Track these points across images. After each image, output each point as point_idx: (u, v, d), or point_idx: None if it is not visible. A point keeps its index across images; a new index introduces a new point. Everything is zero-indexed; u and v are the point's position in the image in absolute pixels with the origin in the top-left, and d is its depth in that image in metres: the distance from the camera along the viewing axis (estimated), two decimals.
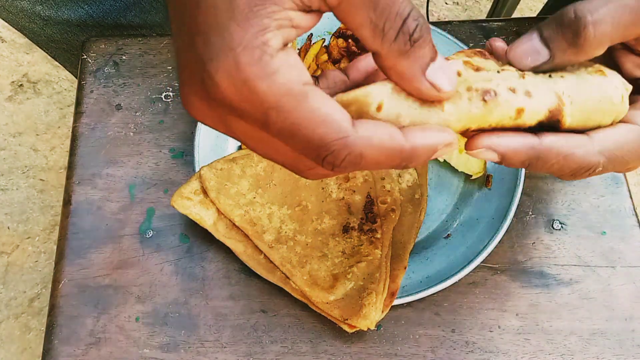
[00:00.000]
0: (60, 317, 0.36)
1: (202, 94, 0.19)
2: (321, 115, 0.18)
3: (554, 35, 0.21)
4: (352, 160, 0.19)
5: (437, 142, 0.19)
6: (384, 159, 0.19)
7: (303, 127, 0.18)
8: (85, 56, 0.45)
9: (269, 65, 0.17)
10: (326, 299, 0.33)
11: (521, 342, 0.35)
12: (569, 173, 0.23)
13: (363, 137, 0.18)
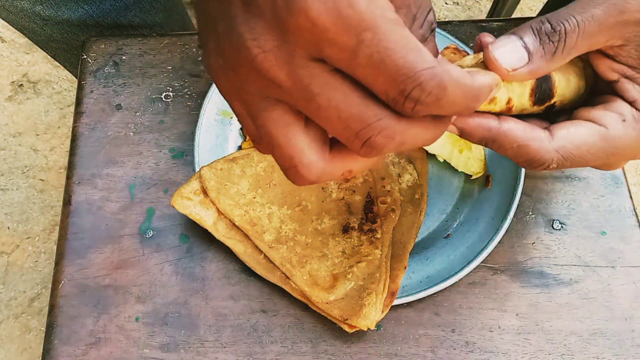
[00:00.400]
0: (60, 317, 0.36)
1: (276, 24, 0.17)
2: (412, 41, 0.17)
3: (533, 43, 0.22)
4: (437, 94, 0.18)
5: (492, 82, 0.21)
6: (459, 96, 0.18)
7: (396, 52, 0.17)
8: (85, 56, 0.45)
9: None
10: (326, 299, 0.33)
11: (521, 342, 0.35)
12: (523, 162, 0.25)
13: (447, 70, 0.18)
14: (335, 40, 0.17)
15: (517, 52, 0.22)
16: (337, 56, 0.18)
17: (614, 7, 0.22)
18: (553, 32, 0.22)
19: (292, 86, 0.19)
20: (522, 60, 0.22)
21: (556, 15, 0.23)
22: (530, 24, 0.23)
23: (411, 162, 0.39)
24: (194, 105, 0.43)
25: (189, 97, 0.43)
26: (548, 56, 0.23)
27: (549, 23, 0.23)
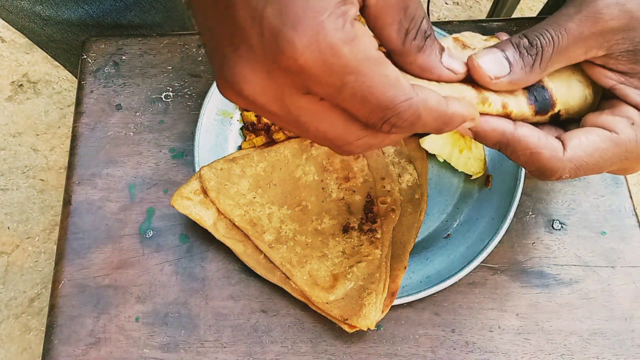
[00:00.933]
0: (60, 317, 0.36)
1: (266, 66, 0.19)
2: (392, 78, 0.20)
3: (513, 56, 0.24)
4: (412, 121, 0.21)
5: (467, 113, 0.22)
6: (432, 121, 0.21)
7: (377, 90, 0.20)
8: (85, 56, 0.45)
9: (350, 31, 0.19)
10: (326, 299, 0.33)
11: (521, 342, 0.35)
12: (535, 171, 0.25)
13: (422, 99, 0.20)
14: (321, 81, 0.19)
15: (499, 62, 0.23)
16: (322, 93, 0.20)
17: (587, 19, 0.23)
18: (530, 46, 0.24)
19: (284, 116, 0.21)
20: (504, 70, 0.23)
21: (534, 29, 0.24)
22: (510, 39, 0.24)
23: (411, 162, 0.39)
24: (194, 105, 0.43)
25: (189, 97, 0.43)
26: (527, 68, 0.24)
27: (527, 38, 0.24)
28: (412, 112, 0.20)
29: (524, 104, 0.24)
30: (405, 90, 0.20)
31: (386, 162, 0.38)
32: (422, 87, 0.21)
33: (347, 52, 0.19)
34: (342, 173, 0.38)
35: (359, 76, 0.19)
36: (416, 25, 0.21)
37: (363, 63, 0.19)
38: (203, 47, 0.22)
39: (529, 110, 0.25)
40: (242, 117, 0.41)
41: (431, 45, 0.22)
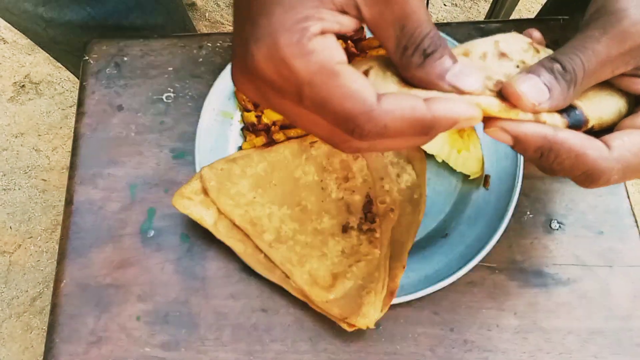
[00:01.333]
0: (61, 316, 0.36)
1: (245, 71, 0.22)
2: (349, 91, 0.20)
3: (551, 81, 0.23)
4: (378, 132, 0.21)
5: (457, 114, 0.21)
6: (407, 128, 0.21)
7: (332, 102, 0.20)
8: (87, 57, 0.46)
9: (305, 46, 0.20)
10: (326, 298, 0.33)
11: (519, 341, 0.35)
12: (582, 176, 0.24)
13: (386, 111, 0.20)
14: (283, 87, 0.21)
15: (539, 88, 0.23)
16: (289, 99, 0.22)
17: (613, 40, 0.23)
18: (564, 71, 0.23)
19: (278, 112, 0.23)
20: (544, 96, 0.23)
21: (563, 53, 0.24)
22: (541, 63, 0.24)
23: (410, 162, 0.39)
24: (194, 105, 0.43)
25: (190, 98, 0.44)
26: (564, 92, 0.23)
27: (559, 62, 0.23)
28: (373, 124, 0.20)
29: (557, 118, 0.24)
30: (362, 102, 0.20)
31: (385, 163, 0.39)
32: (394, 96, 0.21)
33: (299, 65, 0.20)
34: (342, 173, 0.38)
35: (313, 87, 0.20)
36: (415, 43, 0.21)
37: (316, 76, 0.20)
38: None
39: (562, 124, 0.24)
40: (242, 118, 0.42)
41: (432, 63, 0.21)
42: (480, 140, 0.40)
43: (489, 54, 0.25)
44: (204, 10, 1.12)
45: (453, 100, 0.21)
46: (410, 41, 0.21)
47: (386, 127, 0.21)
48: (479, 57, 0.24)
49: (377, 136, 0.21)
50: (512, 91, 0.23)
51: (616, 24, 0.23)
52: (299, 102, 0.21)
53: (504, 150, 0.39)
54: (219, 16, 1.11)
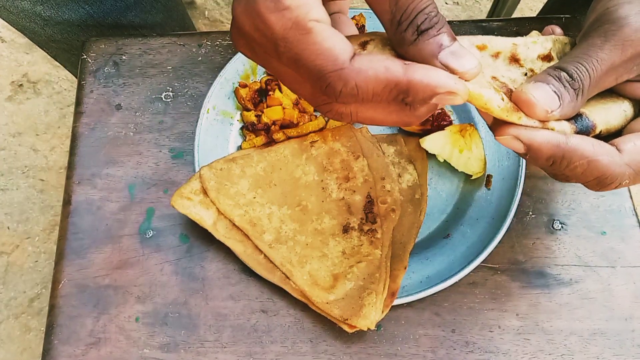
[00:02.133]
0: (60, 317, 0.36)
1: (233, 27, 0.23)
2: (321, 48, 0.20)
3: (560, 89, 0.23)
4: (348, 92, 0.20)
5: (436, 83, 0.20)
6: (380, 90, 0.20)
7: (304, 58, 0.20)
8: (85, 56, 0.45)
9: (281, 2, 0.20)
10: (326, 299, 0.33)
11: (521, 342, 0.35)
12: (594, 181, 0.24)
13: (358, 70, 0.20)
14: (261, 41, 0.21)
15: (550, 95, 0.23)
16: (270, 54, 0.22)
17: (616, 48, 0.23)
18: (572, 79, 0.23)
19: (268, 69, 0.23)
20: (556, 104, 0.23)
21: (568, 62, 0.23)
22: (547, 72, 0.23)
23: (411, 162, 0.39)
24: (193, 105, 0.43)
25: (189, 97, 0.43)
26: (574, 100, 0.23)
27: (565, 71, 0.23)
28: (343, 83, 0.20)
29: (565, 125, 0.24)
30: (333, 60, 0.20)
31: (386, 162, 0.38)
32: (369, 56, 0.20)
33: (273, 19, 0.20)
34: (342, 173, 0.38)
35: (287, 43, 0.20)
36: (408, 18, 0.20)
37: (290, 31, 0.20)
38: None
39: (571, 131, 0.24)
40: (242, 117, 0.41)
41: (426, 40, 0.21)
42: (482, 140, 0.39)
43: (502, 55, 0.24)
44: (203, 8, 1.11)
45: (435, 69, 0.21)
46: (404, 16, 0.20)
47: (357, 88, 0.20)
48: (491, 55, 0.24)
49: (350, 97, 0.21)
50: (525, 97, 0.22)
51: (618, 32, 0.23)
52: (278, 57, 0.21)
53: (505, 150, 0.39)
54: (219, 14, 1.11)
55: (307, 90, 0.22)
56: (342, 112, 0.22)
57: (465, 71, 0.21)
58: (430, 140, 0.39)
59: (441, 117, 0.40)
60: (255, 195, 0.37)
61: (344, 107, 0.22)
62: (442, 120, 0.40)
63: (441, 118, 0.40)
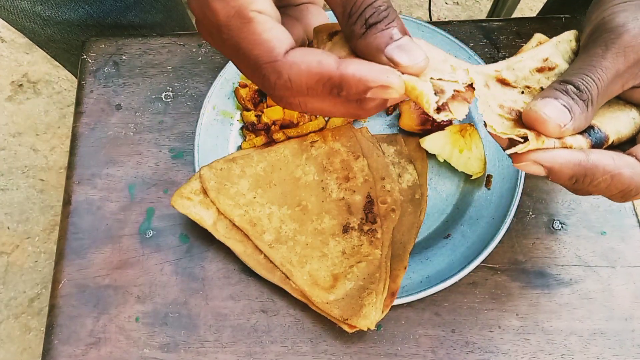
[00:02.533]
0: (60, 317, 0.36)
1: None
2: (259, 39, 0.20)
3: (570, 102, 0.23)
4: (282, 85, 0.21)
5: (367, 77, 0.20)
6: (313, 83, 0.21)
7: (243, 47, 0.21)
8: (85, 56, 0.45)
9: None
10: (326, 299, 0.33)
11: (521, 342, 0.35)
12: (618, 194, 0.24)
13: (289, 62, 0.20)
14: (210, 28, 0.22)
15: (561, 110, 0.22)
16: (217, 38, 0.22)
17: (618, 55, 0.23)
18: (579, 91, 0.23)
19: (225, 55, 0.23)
20: (568, 117, 0.22)
21: (572, 75, 0.23)
22: (554, 88, 0.23)
23: (411, 162, 0.39)
24: (193, 105, 0.43)
25: (189, 97, 0.43)
26: (584, 111, 0.23)
27: (571, 84, 0.23)
28: (277, 74, 0.20)
29: (580, 140, 0.24)
30: (270, 52, 0.20)
31: (386, 162, 0.38)
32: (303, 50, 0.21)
33: (217, 6, 0.20)
34: (342, 173, 0.38)
35: (229, 31, 0.21)
36: (357, 12, 0.21)
37: (232, 19, 0.20)
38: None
39: (586, 145, 0.24)
40: (242, 117, 0.41)
41: (374, 34, 0.21)
42: (482, 139, 0.39)
43: (490, 83, 0.24)
44: None
45: (368, 63, 0.21)
46: (354, 9, 0.21)
47: (290, 81, 0.20)
48: (483, 86, 0.24)
49: (285, 90, 0.21)
50: (536, 115, 0.22)
51: (617, 40, 0.23)
52: (223, 43, 0.22)
53: None
54: None
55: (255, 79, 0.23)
56: (291, 102, 0.23)
57: (410, 65, 0.21)
58: (430, 140, 0.39)
59: None
60: (255, 195, 0.37)
61: (292, 97, 0.22)
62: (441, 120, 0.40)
63: None
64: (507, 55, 0.44)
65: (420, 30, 0.43)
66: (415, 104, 0.40)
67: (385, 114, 0.42)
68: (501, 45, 0.45)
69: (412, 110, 0.40)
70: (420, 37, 0.45)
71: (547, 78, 0.25)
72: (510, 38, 0.45)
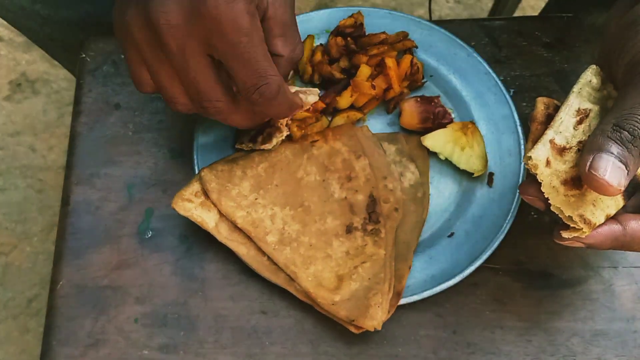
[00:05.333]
0: (58, 318, 0.36)
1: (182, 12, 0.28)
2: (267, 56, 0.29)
3: (624, 154, 0.23)
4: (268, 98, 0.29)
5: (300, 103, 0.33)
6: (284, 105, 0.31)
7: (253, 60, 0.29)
8: (84, 55, 0.45)
9: None
10: (332, 300, 0.33)
11: (523, 343, 0.35)
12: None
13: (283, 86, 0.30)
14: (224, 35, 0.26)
15: (617, 167, 0.22)
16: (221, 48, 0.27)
17: None
18: (633, 137, 0.23)
19: (176, 54, 0.27)
20: (624, 174, 0.22)
21: (625, 117, 0.23)
22: (606, 134, 0.23)
23: (413, 161, 0.39)
24: None
25: None
26: (637, 159, 0.23)
27: (625, 130, 0.23)
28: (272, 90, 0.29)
29: (619, 200, 0.25)
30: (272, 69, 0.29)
31: (388, 161, 0.38)
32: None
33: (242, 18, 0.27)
34: (344, 172, 0.37)
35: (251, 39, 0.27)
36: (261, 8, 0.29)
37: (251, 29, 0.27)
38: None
39: (623, 202, 0.25)
40: None
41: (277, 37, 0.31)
42: (484, 137, 0.39)
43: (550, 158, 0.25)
44: None
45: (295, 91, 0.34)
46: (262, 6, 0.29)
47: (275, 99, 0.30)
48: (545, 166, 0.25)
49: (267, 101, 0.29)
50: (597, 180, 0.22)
51: None
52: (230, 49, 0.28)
53: (507, 148, 0.39)
54: None
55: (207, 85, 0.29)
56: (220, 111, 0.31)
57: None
58: (431, 138, 0.39)
59: (442, 115, 0.40)
60: (258, 197, 0.36)
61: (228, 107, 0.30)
62: (443, 118, 0.40)
63: (442, 116, 0.40)
64: (508, 54, 0.44)
65: (421, 29, 0.43)
66: (416, 103, 0.40)
67: (386, 113, 0.42)
68: (503, 44, 0.45)
69: (413, 109, 0.40)
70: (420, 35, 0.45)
71: (589, 126, 0.26)
72: (512, 37, 0.45)
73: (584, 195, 0.25)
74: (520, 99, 0.42)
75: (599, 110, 0.26)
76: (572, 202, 0.24)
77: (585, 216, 0.24)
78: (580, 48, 0.44)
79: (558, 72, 0.43)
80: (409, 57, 0.41)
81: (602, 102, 0.27)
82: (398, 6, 1.12)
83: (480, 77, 0.41)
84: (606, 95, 0.27)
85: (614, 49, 0.25)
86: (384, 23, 0.43)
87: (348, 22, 0.42)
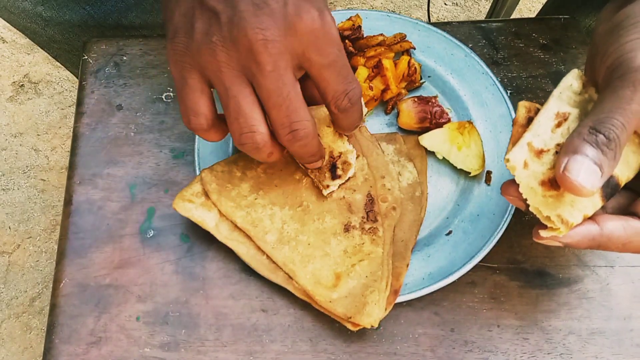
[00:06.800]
0: (61, 317, 0.36)
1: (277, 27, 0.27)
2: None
3: (599, 156, 0.23)
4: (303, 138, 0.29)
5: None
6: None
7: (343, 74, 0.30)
8: (86, 57, 0.45)
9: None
10: (329, 298, 0.33)
11: (520, 342, 0.35)
12: (632, 252, 0.27)
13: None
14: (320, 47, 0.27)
15: (592, 170, 0.23)
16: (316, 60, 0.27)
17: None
18: (608, 140, 0.23)
19: (271, 71, 0.26)
20: (598, 176, 0.23)
21: (602, 121, 0.23)
22: (582, 137, 0.23)
23: (411, 160, 0.39)
24: None
25: None
26: (612, 162, 0.23)
27: (601, 133, 0.23)
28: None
29: (597, 200, 0.25)
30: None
31: (386, 161, 0.39)
32: None
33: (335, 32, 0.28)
34: None
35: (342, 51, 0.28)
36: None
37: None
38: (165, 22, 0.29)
39: (601, 203, 0.26)
40: None
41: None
42: (481, 136, 0.40)
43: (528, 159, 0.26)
44: None
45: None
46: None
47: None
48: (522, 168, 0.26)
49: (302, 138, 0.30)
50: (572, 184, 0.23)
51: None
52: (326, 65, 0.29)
53: (505, 146, 0.39)
54: None
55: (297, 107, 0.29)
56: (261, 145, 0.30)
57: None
58: (429, 137, 0.39)
59: (439, 115, 0.40)
60: (257, 197, 0.37)
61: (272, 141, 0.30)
62: (440, 118, 0.40)
63: (439, 116, 0.40)
64: (506, 55, 0.45)
65: (418, 30, 0.44)
66: (414, 103, 0.40)
67: (384, 113, 0.42)
68: (500, 46, 0.45)
69: (410, 109, 0.40)
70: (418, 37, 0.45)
71: (567, 129, 0.26)
72: (509, 39, 0.45)
73: (562, 196, 0.25)
74: (517, 100, 0.42)
75: (578, 113, 0.27)
76: (550, 202, 0.25)
77: (563, 216, 0.25)
78: (576, 50, 0.44)
79: (555, 73, 0.44)
80: (406, 58, 0.41)
81: (583, 106, 0.27)
82: (396, 9, 1.13)
83: (477, 77, 0.42)
84: (587, 98, 0.27)
85: (597, 52, 0.26)
86: (382, 25, 0.44)
87: (346, 24, 0.42)
